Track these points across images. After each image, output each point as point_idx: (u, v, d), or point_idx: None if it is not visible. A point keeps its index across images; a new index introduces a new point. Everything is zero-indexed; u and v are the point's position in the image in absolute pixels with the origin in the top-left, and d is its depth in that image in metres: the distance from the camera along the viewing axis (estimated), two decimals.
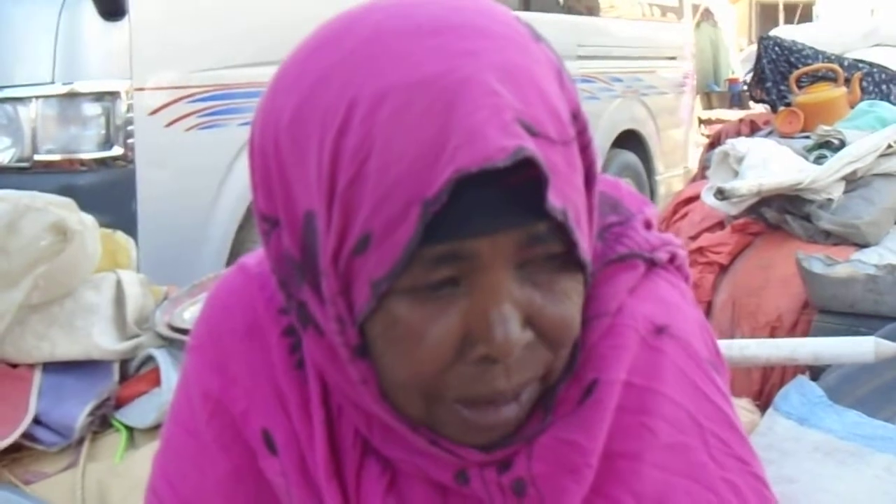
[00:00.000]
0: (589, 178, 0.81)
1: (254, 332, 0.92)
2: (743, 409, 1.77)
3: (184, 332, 1.99)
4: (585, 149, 0.80)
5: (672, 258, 0.94)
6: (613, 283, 0.88)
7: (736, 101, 11.49)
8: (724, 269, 3.25)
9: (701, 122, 8.88)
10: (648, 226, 0.94)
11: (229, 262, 3.58)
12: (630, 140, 6.07)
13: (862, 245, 3.05)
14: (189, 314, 2.07)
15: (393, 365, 0.79)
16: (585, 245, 0.80)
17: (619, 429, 0.86)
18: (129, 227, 2.98)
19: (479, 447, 0.84)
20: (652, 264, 0.91)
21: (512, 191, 0.73)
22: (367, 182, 0.73)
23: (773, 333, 2.87)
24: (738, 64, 11.23)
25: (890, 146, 3.16)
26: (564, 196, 0.75)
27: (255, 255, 0.98)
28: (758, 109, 5.67)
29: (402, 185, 0.72)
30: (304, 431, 0.89)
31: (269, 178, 0.81)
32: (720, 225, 3.50)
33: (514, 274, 0.77)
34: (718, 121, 9.00)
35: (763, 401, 2.59)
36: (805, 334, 2.69)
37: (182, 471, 0.95)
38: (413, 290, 0.76)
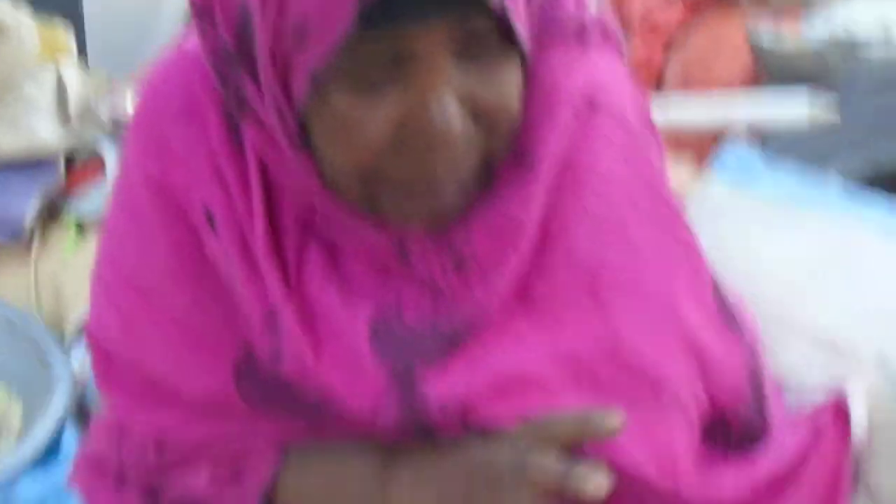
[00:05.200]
0: None
1: (192, 113, 0.91)
2: (683, 171, 1.78)
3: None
4: None
5: (605, 33, 0.94)
6: (547, 61, 0.88)
7: None
8: (674, 44, 3.22)
9: None
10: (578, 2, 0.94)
11: None
12: None
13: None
14: (132, 104, 2.04)
15: (332, 154, 0.80)
16: (522, 28, 0.80)
17: (554, 205, 0.88)
18: (74, 11, 2.89)
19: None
20: (585, 39, 0.91)
21: None
22: None
23: None
24: None
25: None
26: None
27: (194, 38, 0.97)
28: None
29: None
30: (244, 209, 0.89)
31: None
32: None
33: (453, 62, 0.77)
34: None
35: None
36: None
37: (125, 251, 0.95)
38: (351, 81, 0.76)
